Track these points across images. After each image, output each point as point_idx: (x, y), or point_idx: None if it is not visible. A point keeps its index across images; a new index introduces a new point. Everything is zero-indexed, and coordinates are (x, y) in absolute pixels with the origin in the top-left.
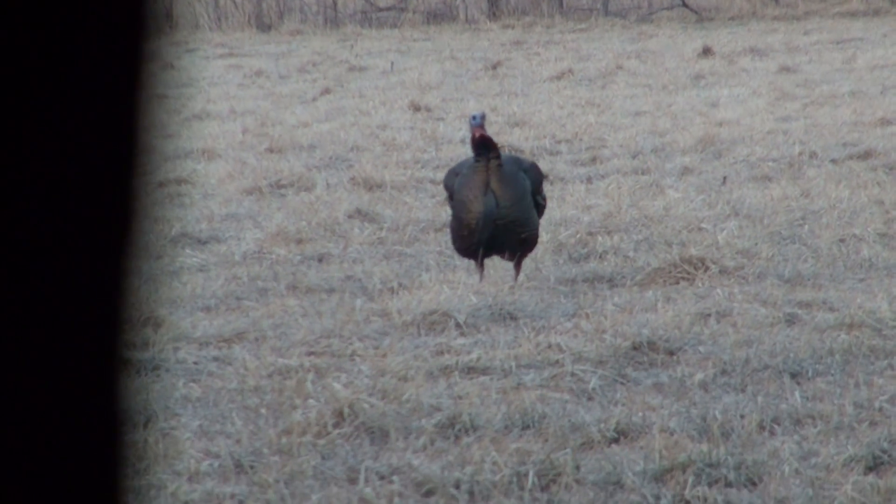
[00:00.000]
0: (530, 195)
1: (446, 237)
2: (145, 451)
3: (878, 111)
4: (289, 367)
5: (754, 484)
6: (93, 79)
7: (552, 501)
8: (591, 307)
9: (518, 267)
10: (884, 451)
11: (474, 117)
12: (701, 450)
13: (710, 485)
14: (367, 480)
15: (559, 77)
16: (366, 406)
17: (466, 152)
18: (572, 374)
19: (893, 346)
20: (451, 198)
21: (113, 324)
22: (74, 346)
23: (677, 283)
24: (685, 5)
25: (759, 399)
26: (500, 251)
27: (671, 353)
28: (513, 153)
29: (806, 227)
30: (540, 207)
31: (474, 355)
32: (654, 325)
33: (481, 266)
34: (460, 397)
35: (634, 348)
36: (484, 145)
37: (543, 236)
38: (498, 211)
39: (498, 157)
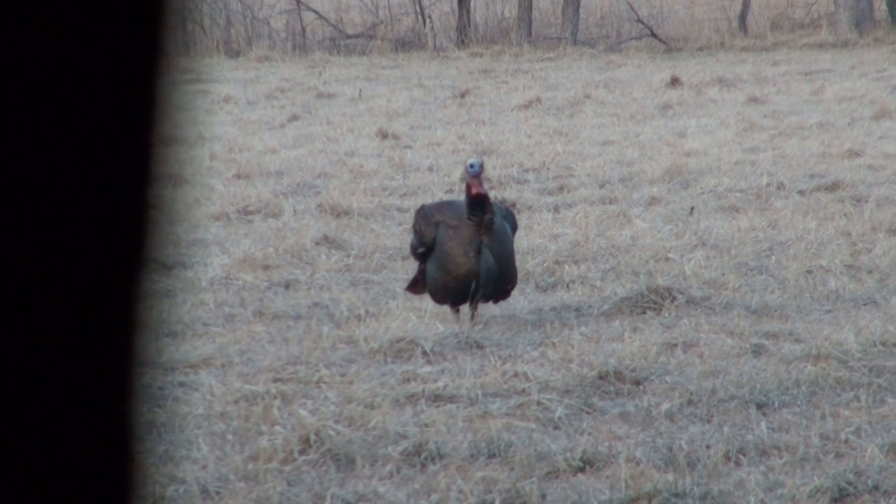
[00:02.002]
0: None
1: (414, 265)
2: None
3: (846, 143)
4: (255, 393)
5: None
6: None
7: None
8: (557, 336)
9: (476, 310)
10: (849, 483)
11: (472, 165)
12: (667, 479)
13: None
14: None
15: (527, 106)
16: (332, 433)
17: (434, 180)
18: (539, 403)
19: (859, 378)
20: (424, 244)
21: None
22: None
23: (644, 312)
24: (653, 35)
25: (726, 429)
26: (473, 299)
27: (637, 383)
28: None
29: (773, 258)
30: None
31: (441, 383)
32: (621, 354)
33: (458, 311)
34: (427, 425)
35: (601, 378)
36: (480, 204)
37: None
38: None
39: (493, 214)
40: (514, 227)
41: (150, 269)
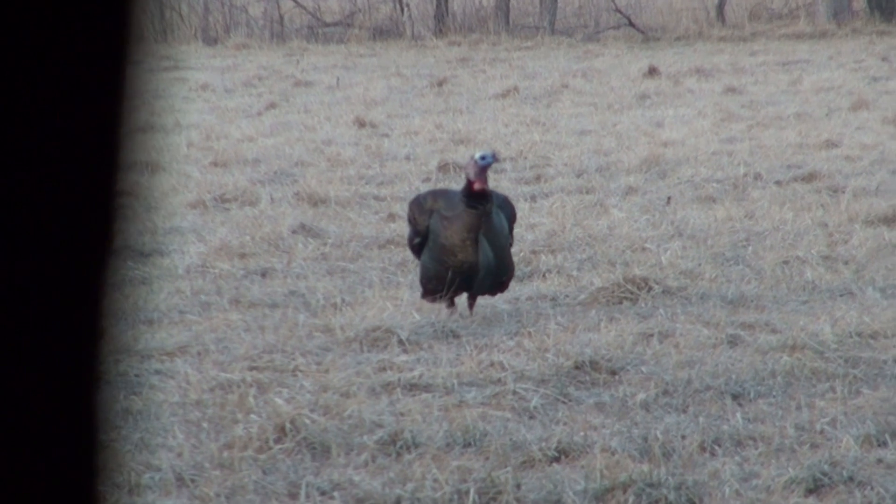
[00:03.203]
0: (508, 236)
1: (390, 254)
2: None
3: (823, 133)
4: (231, 381)
5: None
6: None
7: None
8: (533, 326)
9: (474, 301)
10: (824, 474)
11: (483, 157)
12: (642, 470)
13: None
14: (307, 496)
15: (504, 95)
16: (307, 421)
17: (411, 169)
18: (514, 393)
19: (835, 369)
20: (418, 232)
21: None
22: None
23: (620, 302)
24: (632, 25)
25: (701, 420)
26: (472, 290)
27: (613, 373)
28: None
29: (750, 248)
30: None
31: (417, 372)
32: (597, 344)
33: (453, 303)
34: (402, 414)
35: (577, 367)
36: (483, 197)
37: None
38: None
39: (492, 205)
40: (513, 216)
41: (127, 257)
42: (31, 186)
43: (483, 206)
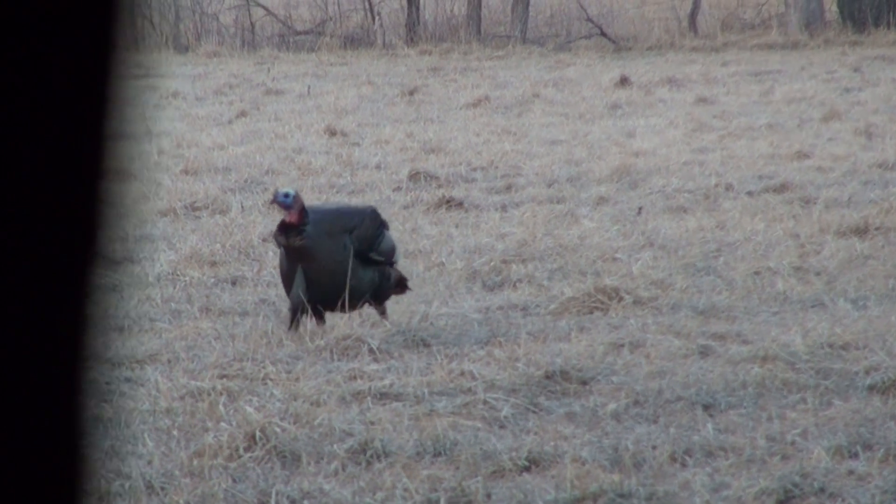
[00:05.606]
0: (351, 258)
1: None
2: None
3: (795, 144)
4: (201, 389)
5: None
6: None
7: None
8: (504, 335)
9: (381, 313)
10: (795, 485)
11: (286, 195)
12: (612, 480)
13: None
14: None
15: (475, 104)
16: (277, 430)
17: (381, 178)
18: (485, 402)
19: (806, 380)
20: None
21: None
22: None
23: (591, 312)
24: (603, 34)
25: (672, 430)
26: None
27: (584, 383)
28: (346, 205)
29: (721, 259)
30: (380, 263)
31: (387, 381)
32: (568, 354)
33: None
34: (372, 423)
35: (547, 377)
36: (283, 230)
37: (457, 263)
38: (311, 292)
39: (301, 233)
40: (371, 236)
41: (98, 264)
42: (7, 193)
43: (289, 236)
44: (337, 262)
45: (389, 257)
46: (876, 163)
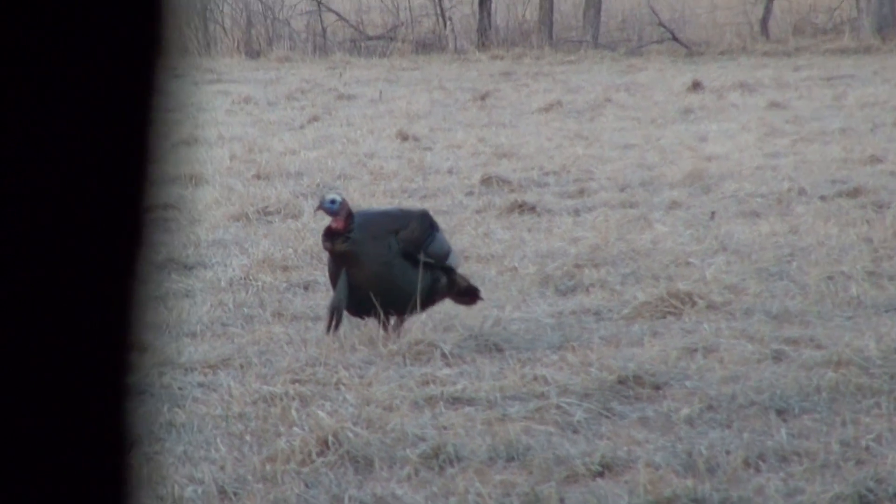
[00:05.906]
0: (401, 258)
1: None
2: (129, 475)
3: (868, 149)
4: (273, 394)
5: None
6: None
7: None
8: (577, 340)
9: (397, 327)
10: (870, 490)
11: (332, 201)
12: (686, 485)
13: None
14: None
15: (548, 109)
16: (350, 435)
17: (453, 182)
18: (557, 407)
19: (880, 385)
20: None
21: (109, 346)
22: (72, 367)
23: (664, 317)
24: (675, 39)
25: (745, 435)
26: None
27: (657, 388)
28: (396, 208)
29: (794, 263)
30: (430, 265)
31: (459, 386)
32: (641, 359)
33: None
34: (445, 428)
35: (620, 382)
36: (329, 236)
37: (530, 268)
38: (352, 297)
39: (346, 239)
40: (418, 238)
41: (171, 270)
42: (68, 198)
43: (333, 241)
44: (381, 264)
45: (442, 260)
46: None
